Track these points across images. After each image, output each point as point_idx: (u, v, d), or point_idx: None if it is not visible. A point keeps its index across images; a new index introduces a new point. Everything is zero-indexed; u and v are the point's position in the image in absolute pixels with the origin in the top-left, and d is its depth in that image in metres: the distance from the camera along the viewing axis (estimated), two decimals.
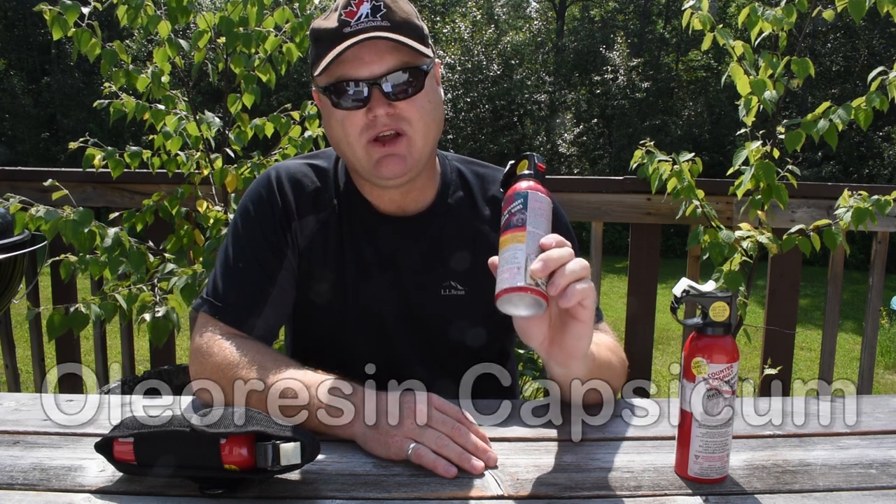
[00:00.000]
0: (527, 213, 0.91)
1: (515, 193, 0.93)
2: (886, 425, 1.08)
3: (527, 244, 0.88)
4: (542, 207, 0.92)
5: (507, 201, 0.94)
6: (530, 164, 0.96)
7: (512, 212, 0.92)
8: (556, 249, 0.88)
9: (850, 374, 5.21)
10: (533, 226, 0.90)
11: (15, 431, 1.02)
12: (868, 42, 14.60)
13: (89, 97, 13.06)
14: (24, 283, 2.52)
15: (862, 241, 3.66)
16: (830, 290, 2.47)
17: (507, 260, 0.89)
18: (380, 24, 1.07)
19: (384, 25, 1.07)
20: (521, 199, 0.92)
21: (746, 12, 1.95)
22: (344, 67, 1.09)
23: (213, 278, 1.21)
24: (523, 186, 0.94)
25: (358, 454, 0.95)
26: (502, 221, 0.93)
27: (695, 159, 2.10)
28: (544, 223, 0.92)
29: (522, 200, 0.92)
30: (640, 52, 16.96)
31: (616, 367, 1.14)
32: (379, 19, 1.07)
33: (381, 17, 1.07)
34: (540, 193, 0.93)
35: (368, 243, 1.23)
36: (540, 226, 0.91)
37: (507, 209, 0.93)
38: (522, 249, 0.88)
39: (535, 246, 0.89)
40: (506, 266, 0.88)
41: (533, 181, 0.94)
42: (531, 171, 0.96)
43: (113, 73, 2.10)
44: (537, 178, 0.95)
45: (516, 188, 0.94)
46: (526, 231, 0.89)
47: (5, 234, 2.22)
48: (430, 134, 1.15)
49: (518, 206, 0.92)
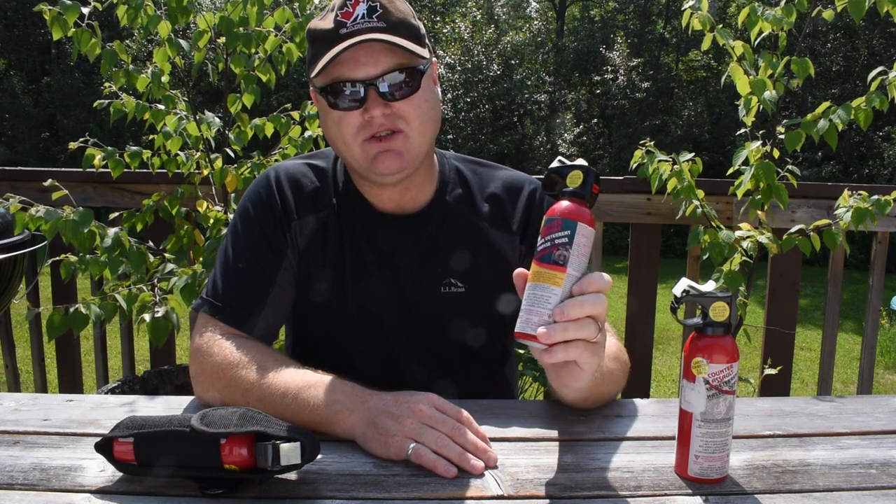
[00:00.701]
0: (570, 251, 0.83)
1: (564, 221, 0.84)
2: (886, 425, 1.08)
3: (563, 289, 0.83)
4: (587, 245, 0.85)
5: (551, 225, 0.85)
6: (586, 181, 0.86)
7: (555, 242, 0.84)
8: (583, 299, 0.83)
9: (850, 374, 5.21)
10: (573, 267, 0.84)
11: (15, 431, 1.02)
12: (868, 42, 14.61)
13: (89, 97, 13.07)
14: (24, 283, 2.52)
15: (862, 241, 3.66)
16: (830, 290, 2.47)
17: (538, 301, 0.83)
18: (376, 24, 1.07)
19: (380, 27, 1.07)
20: (568, 231, 0.83)
21: (746, 12, 1.95)
22: (340, 68, 1.09)
23: (212, 278, 1.21)
24: (573, 212, 0.84)
25: (358, 454, 0.95)
26: (541, 246, 0.85)
27: (695, 159, 2.10)
28: (584, 263, 0.85)
29: (570, 233, 0.83)
30: (640, 52, 16.97)
31: (617, 374, 1.13)
32: (375, 20, 1.07)
33: (377, 17, 1.07)
34: (588, 227, 0.84)
35: (368, 242, 1.23)
36: (580, 266, 0.85)
37: (550, 236, 0.84)
38: (557, 295, 0.83)
39: (569, 290, 0.83)
40: (535, 307, 0.83)
41: (584, 205, 0.85)
42: (584, 192, 0.86)
43: (113, 73, 2.10)
44: (589, 202, 0.86)
45: (566, 212, 0.84)
46: (566, 273, 0.83)
47: (5, 234, 2.22)
48: (426, 132, 1.15)
49: (563, 238, 0.83)
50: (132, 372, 2.70)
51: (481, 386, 1.30)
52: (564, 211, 0.85)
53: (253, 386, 1.05)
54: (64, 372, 2.75)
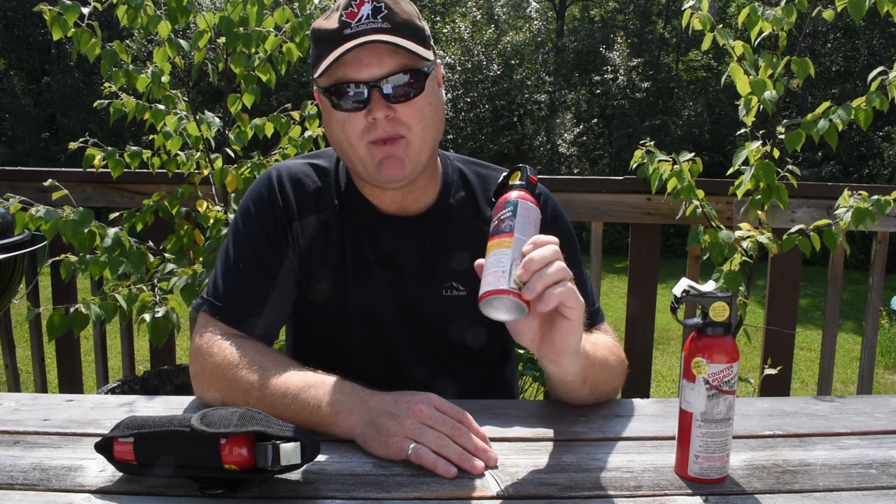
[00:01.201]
0: (515, 220, 0.93)
1: (506, 202, 0.95)
2: (886, 425, 1.08)
3: (513, 249, 0.90)
4: (531, 216, 0.94)
5: (497, 208, 0.96)
6: (522, 175, 0.99)
7: (501, 218, 0.94)
8: (538, 251, 0.89)
9: (850, 374, 5.21)
10: (521, 232, 0.92)
11: (15, 431, 1.02)
12: (868, 42, 14.60)
13: (89, 97, 13.07)
14: (24, 283, 2.52)
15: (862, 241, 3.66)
16: (830, 290, 2.47)
17: (493, 264, 0.90)
18: (380, 25, 1.06)
19: (385, 27, 1.06)
20: (510, 207, 0.94)
21: (746, 12, 1.95)
22: (344, 69, 1.08)
23: (213, 278, 1.21)
24: (514, 196, 0.96)
25: (358, 454, 0.95)
26: (491, 227, 0.95)
27: (695, 159, 2.10)
28: (532, 231, 0.93)
29: (512, 208, 0.94)
30: (640, 52, 16.96)
31: (613, 366, 1.14)
32: (380, 21, 1.06)
33: (382, 18, 1.07)
34: (529, 203, 0.95)
35: (369, 243, 1.23)
36: (527, 233, 0.92)
37: (497, 216, 0.95)
38: (508, 254, 0.90)
39: (520, 252, 0.90)
40: (490, 269, 0.90)
41: (524, 191, 0.97)
42: (522, 182, 0.98)
43: (113, 73, 2.10)
44: (528, 188, 0.98)
45: (507, 197, 0.96)
46: (513, 237, 0.91)
47: (5, 234, 2.22)
48: (428, 137, 1.15)
49: (507, 213, 0.94)
50: (132, 372, 2.70)
51: (481, 386, 1.30)
52: (506, 197, 0.97)
53: (253, 386, 1.05)
54: (64, 372, 2.75)
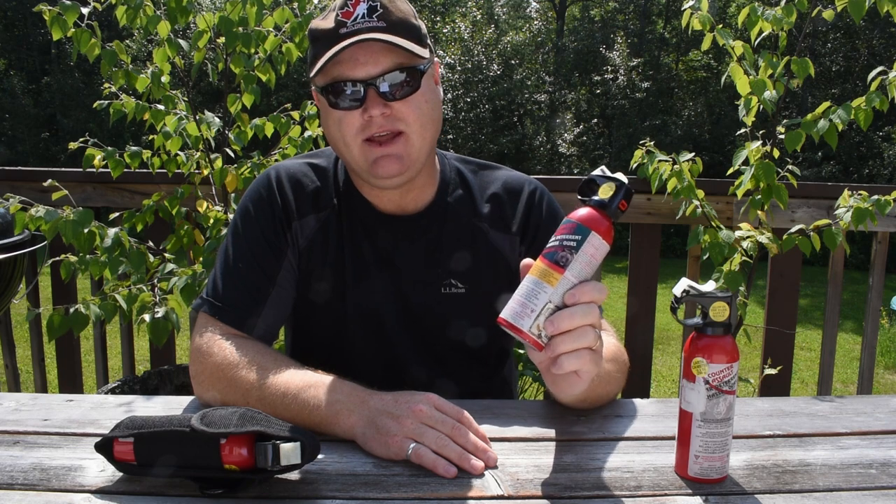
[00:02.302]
0: (574, 256, 0.83)
1: (579, 225, 0.84)
2: (886, 425, 1.08)
3: (554, 290, 0.83)
4: (595, 255, 0.85)
5: (565, 227, 0.85)
6: (615, 194, 0.86)
7: (563, 244, 0.84)
8: (576, 309, 0.83)
9: (850, 374, 5.21)
10: (572, 272, 0.84)
11: (15, 431, 1.02)
12: (868, 42, 14.60)
13: (89, 97, 13.07)
14: (24, 283, 2.52)
15: (862, 241, 3.66)
16: (830, 290, 2.47)
17: (528, 294, 0.84)
18: (376, 24, 1.07)
19: (380, 26, 1.07)
20: (579, 237, 0.84)
21: (746, 12, 1.95)
22: (340, 68, 1.09)
23: (213, 278, 1.21)
24: (590, 220, 0.85)
25: (358, 454, 0.95)
26: (550, 244, 0.85)
27: (695, 159, 2.10)
28: (587, 273, 0.85)
29: (580, 238, 0.84)
30: (640, 52, 16.96)
31: (616, 377, 1.13)
32: (375, 20, 1.07)
33: (378, 17, 1.07)
34: (600, 239, 0.84)
35: (368, 243, 1.23)
36: (581, 274, 0.84)
37: (561, 236, 0.85)
38: (547, 294, 0.83)
39: (561, 295, 0.84)
40: (523, 299, 0.84)
41: (605, 217, 0.85)
42: (610, 204, 0.86)
43: (113, 74, 2.10)
44: (612, 215, 0.86)
45: (584, 218, 0.85)
46: (562, 276, 0.83)
47: (5, 234, 2.22)
48: (427, 134, 1.15)
49: (572, 241, 0.84)
50: (132, 372, 2.70)
51: (481, 386, 1.30)
52: (582, 217, 0.85)
53: (253, 386, 1.05)
54: (64, 372, 2.74)
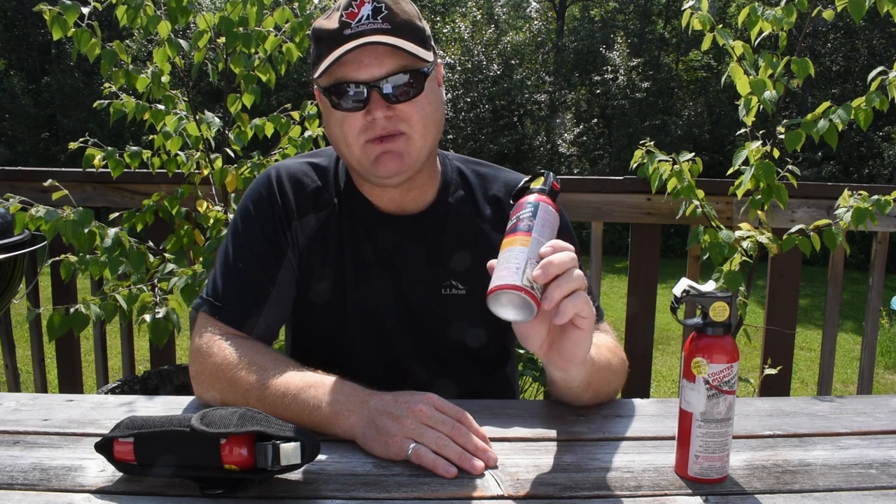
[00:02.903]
0: (535, 221, 0.92)
1: (527, 202, 0.95)
2: (886, 425, 1.08)
3: (529, 248, 0.89)
4: (551, 220, 0.94)
5: (516, 208, 0.95)
6: (546, 180, 0.99)
7: (520, 217, 0.93)
8: (557, 255, 0.88)
9: (850, 374, 5.21)
10: (539, 234, 0.91)
11: (15, 431, 1.02)
12: (868, 42, 14.61)
13: (89, 97, 13.06)
14: (24, 283, 2.52)
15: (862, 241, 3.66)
16: (830, 290, 2.47)
17: (507, 259, 0.89)
18: (380, 26, 1.07)
19: (385, 28, 1.07)
20: (530, 208, 0.94)
21: (746, 12, 1.95)
22: (344, 69, 1.09)
23: (213, 278, 1.21)
24: (535, 198, 0.95)
25: (358, 454, 0.95)
26: (508, 226, 0.94)
27: (695, 159, 2.10)
28: (549, 235, 0.93)
29: (532, 210, 0.93)
30: (640, 52, 16.96)
31: (616, 367, 1.14)
32: (380, 21, 1.07)
33: (382, 19, 1.07)
34: (550, 208, 0.95)
35: (369, 242, 1.23)
36: (545, 235, 0.92)
37: (516, 215, 0.94)
38: (524, 252, 0.89)
39: (537, 253, 0.89)
40: (503, 265, 0.89)
41: (545, 196, 0.96)
42: (545, 187, 0.98)
43: (113, 73, 2.10)
44: (550, 194, 0.97)
45: (527, 199, 0.96)
46: (531, 236, 0.90)
47: (5, 234, 2.22)
48: (429, 135, 1.15)
49: (527, 213, 0.93)
50: (132, 372, 2.70)
51: (481, 386, 1.30)
52: (527, 198, 0.96)
53: (253, 386, 1.05)
54: (64, 372, 2.75)
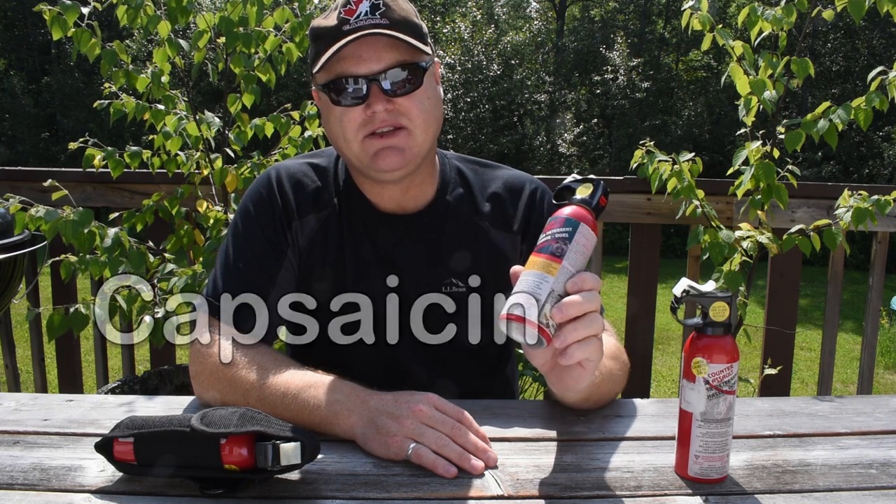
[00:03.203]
0: (569, 246, 0.85)
1: (567, 219, 0.87)
2: (886, 425, 1.08)
3: (556, 279, 0.84)
4: (587, 245, 0.87)
5: (553, 221, 0.88)
6: (594, 192, 0.90)
7: (555, 236, 0.86)
8: (581, 296, 0.84)
9: (850, 374, 5.21)
10: (570, 262, 0.85)
11: (15, 431, 1.02)
12: (868, 42, 14.61)
13: (89, 97, 13.07)
14: (24, 283, 2.52)
15: (862, 241, 3.66)
16: (830, 290, 2.47)
17: (529, 285, 0.84)
18: (378, 21, 1.08)
19: (383, 23, 1.08)
20: (569, 228, 0.86)
21: (746, 12, 1.95)
22: (343, 64, 1.10)
23: (213, 278, 1.21)
24: (577, 214, 0.88)
25: (358, 454, 0.95)
26: (541, 240, 0.87)
27: (695, 159, 2.10)
28: (582, 263, 0.87)
29: (571, 230, 0.86)
30: (640, 52, 16.96)
31: (616, 375, 1.13)
32: (378, 17, 1.08)
33: (380, 15, 1.08)
34: (590, 230, 0.87)
35: (368, 242, 1.23)
36: (577, 263, 0.86)
37: (551, 231, 0.87)
38: (549, 283, 0.84)
39: (563, 284, 0.84)
40: (525, 290, 0.84)
41: (589, 213, 0.89)
42: (592, 200, 0.89)
43: (113, 74, 2.10)
44: (595, 210, 0.89)
45: (570, 213, 0.88)
46: (561, 265, 0.85)
47: (5, 234, 2.22)
48: (428, 130, 1.15)
49: (564, 233, 0.86)
50: (132, 372, 2.70)
51: (481, 385, 1.30)
52: (568, 212, 0.88)
53: (253, 386, 1.05)
54: (64, 372, 2.75)
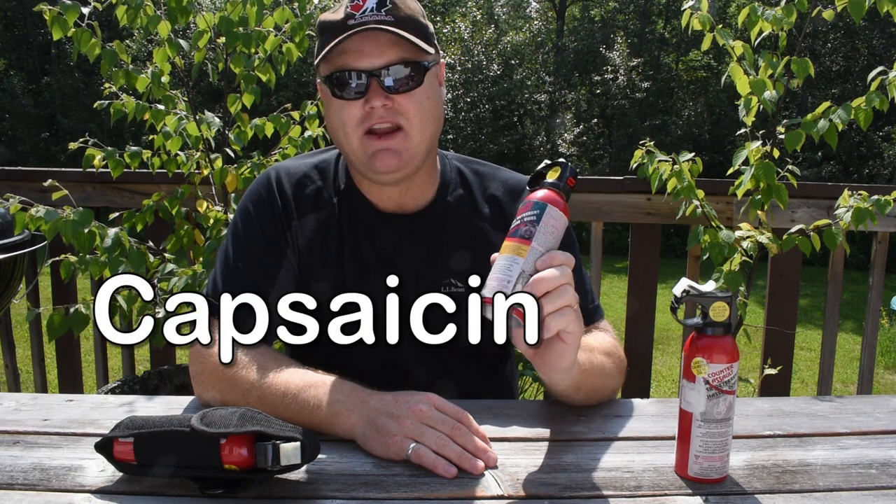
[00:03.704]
0: (537, 227, 0.89)
1: (535, 202, 0.91)
2: (886, 425, 1.08)
3: (525, 259, 0.88)
4: (556, 226, 0.91)
5: (523, 206, 0.92)
6: (562, 174, 0.93)
7: (524, 220, 0.90)
8: (549, 272, 0.88)
9: (850, 374, 5.21)
10: (538, 242, 0.89)
11: (15, 431, 1.02)
12: (868, 42, 14.60)
13: (89, 97, 13.06)
14: (24, 283, 2.52)
15: (862, 241, 3.66)
16: (830, 290, 2.47)
17: (501, 269, 0.89)
18: (383, 18, 1.09)
19: (387, 20, 1.09)
20: (537, 211, 0.90)
21: (746, 12, 1.95)
22: (345, 58, 1.10)
23: (212, 278, 1.21)
24: (545, 197, 0.91)
25: (358, 454, 0.95)
26: (512, 224, 0.91)
27: (695, 159, 2.10)
28: (552, 242, 0.90)
29: (538, 213, 0.90)
30: (640, 52, 16.96)
31: (610, 370, 1.14)
32: (383, 14, 1.09)
33: (386, 12, 1.09)
34: (558, 210, 0.91)
35: (368, 242, 1.23)
36: (546, 244, 0.90)
37: (521, 216, 0.91)
38: (519, 264, 0.88)
39: (532, 264, 0.88)
40: (497, 274, 0.89)
41: (558, 194, 0.92)
42: (559, 182, 0.93)
43: (113, 74, 2.10)
44: (563, 191, 0.93)
45: (538, 196, 0.92)
46: (530, 246, 0.89)
47: (5, 234, 2.21)
48: (427, 131, 1.15)
49: (532, 216, 0.90)
50: (132, 372, 2.70)
51: (481, 386, 1.30)
52: (537, 196, 0.92)
53: (253, 386, 1.05)
54: (64, 372, 2.74)
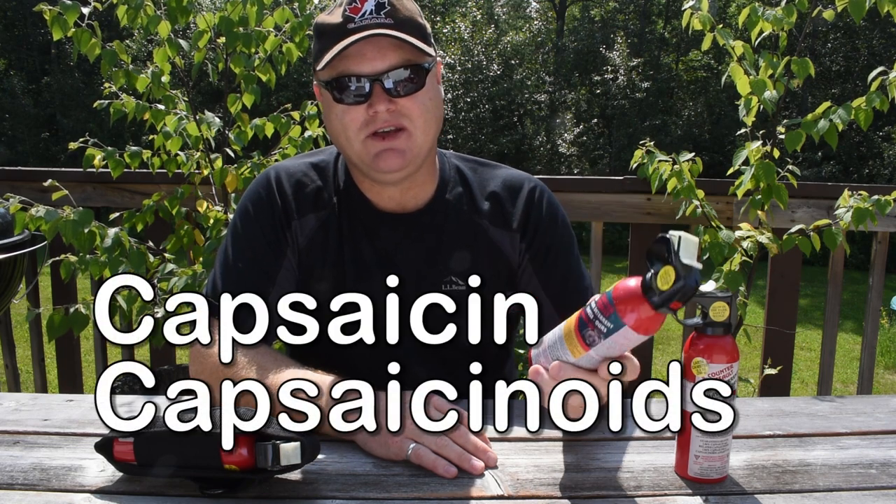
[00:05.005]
0: (601, 341, 0.83)
1: (615, 315, 0.81)
2: (886, 425, 1.08)
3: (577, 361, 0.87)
4: (625, 346, 0.83)
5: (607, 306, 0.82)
6: (673, 292, 0.78)
7: (596, 324, 0.83)
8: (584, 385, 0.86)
9: (850, 374, 5.21)
10: (596, 352, 0.85)
11: (15, 431, 1.02)
12: (868, 42, 14.60)
13: (89, 97, 13.05)
14: (24, 283, 2.52)
15: (862, 241, 3.66)
16: (830, 290, 2.47)
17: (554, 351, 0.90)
18: (383, 21, 1.08)
19: (388, 23, 1.08)
20: (611, 325, 0.82)
21: (746, 12, 1.95)
22: (346, 63, 1.09)
23: (212, 278, 1.21)
24: (630, 312, 0.81)
25: (358, 454, 0.95)
26: (589, 307, 0.85)
27: (695, 159, 2.10)
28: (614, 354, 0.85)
29: (611, 328, 0.82)
30: (640, 52, 16.95)
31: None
32: (382, 16, 1.08)
33: (385, 14, 1.08)
34: (633, 332, 0.81)
35: (368, 241, 1.23)
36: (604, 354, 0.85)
37: (599, 312, 0.83)
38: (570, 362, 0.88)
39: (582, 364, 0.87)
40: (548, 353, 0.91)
41: (651, 311, 0.80)
42: (659, 301, 0.79)
43: (113, 74, 2.10)
44: (661, 308, 0.80)
45: (623, 309, 0.81)
46: (586, 353, 0.86)
47: (5, 234, 2.22)
48: (429, 130, 1.15)
49: (604, 327, 0.82)
50: None
51: (481, 385, 1.29)
52: (624, 306, 0.81)
53: (252, 386, 1.04)
54: (64, 372, 2.74)
